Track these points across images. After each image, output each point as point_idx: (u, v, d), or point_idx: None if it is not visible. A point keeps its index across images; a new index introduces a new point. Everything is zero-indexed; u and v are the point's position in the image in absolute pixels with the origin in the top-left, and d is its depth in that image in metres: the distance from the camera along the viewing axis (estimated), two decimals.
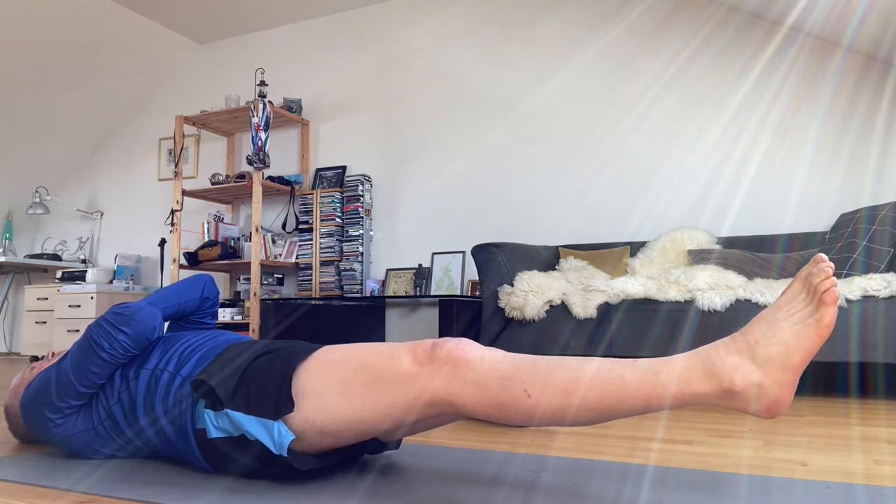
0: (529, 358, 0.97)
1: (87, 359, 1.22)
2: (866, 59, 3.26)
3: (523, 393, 0.93)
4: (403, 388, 1.00)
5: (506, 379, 0.95)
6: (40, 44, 4.45)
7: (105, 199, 5.40)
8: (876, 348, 2.26)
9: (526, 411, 0.94)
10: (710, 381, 0.88)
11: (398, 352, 1.03)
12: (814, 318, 0.87)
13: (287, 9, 4.62)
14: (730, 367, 0.87)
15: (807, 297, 0.89)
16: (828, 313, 0.86)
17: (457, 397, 0.97)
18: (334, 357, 1.09)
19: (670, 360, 0.91)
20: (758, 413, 0.88)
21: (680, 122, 3.61)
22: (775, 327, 0.88)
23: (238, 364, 1.13)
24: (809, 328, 0.87)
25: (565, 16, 3.97)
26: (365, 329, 4.07)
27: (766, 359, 0.87)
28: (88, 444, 1.26)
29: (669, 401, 0.89)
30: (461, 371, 0.97)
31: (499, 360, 0.97)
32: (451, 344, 1.00)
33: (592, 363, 0.94)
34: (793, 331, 0.87)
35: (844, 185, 3.25)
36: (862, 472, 1.20)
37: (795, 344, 0.87)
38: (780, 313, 0.89)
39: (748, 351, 0.88)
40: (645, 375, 0.90)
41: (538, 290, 2.81)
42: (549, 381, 0.93)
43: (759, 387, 0.86)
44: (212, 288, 1.52)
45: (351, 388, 1.03)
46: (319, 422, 1.04)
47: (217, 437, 1.11)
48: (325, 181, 4.46)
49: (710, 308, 2.50)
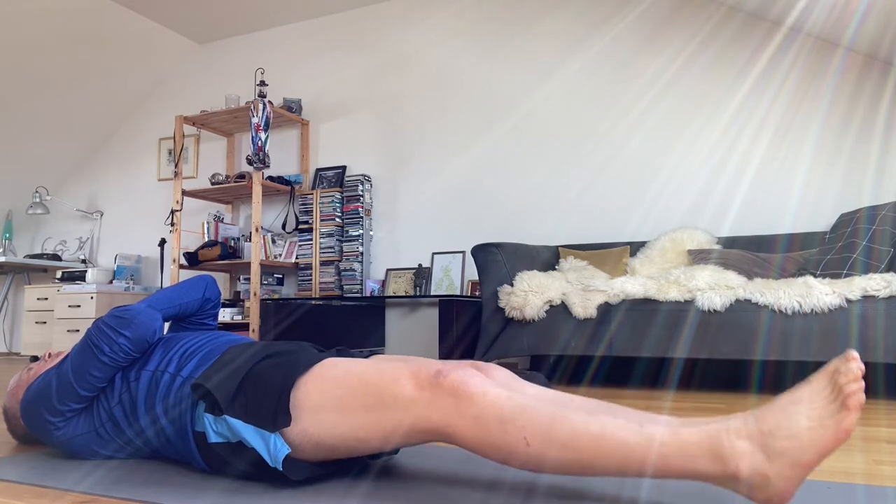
0: (532, 402, 0.94)
1: (87, 362, 1.21)
2: (866, 59, 3.26)
3: (522, 441, 0.91)
4: (402, 413, 0.99)
5: (506, 422, 0.92)
6: (40, 44, 4.45)
7: (105, 199, 5.40)
8: (876, 348, 2.26)
9: (522, 458, 0.93)
10: (715, 462, 0.85)
11: (401, 375, 1.01)
12: (834, 419, 0.82)
13: (287, 9, 4.62)
14: (738, 452, 0.84)
15: (831, 394, 0.84)
16: (849, 418, 0.81)
17: (454, 430, 0.96)
18: (336, 373, 1.07)
19: (677, 431, 0.88)
20: (757, 501, 0.86)
21: (680, 122, 3.61)
22: (792, 420, 0.84)
23: (238, 368, 1.12)
24: (827, 429, 0.82)
25: (565, 15, 3.97)
26: (365, 329, 4.07)
27: (778, 452, 0.83)
28: (89, 445, 1.26)
29: (667, 474, 0.87)
30: (462, 405, 0.95)
31: (501, 399, 0.94)
32: (456, 374, 0.97)
33: (598, 420, 0.91)
34: (810, 428, 0.83)
35: (844, 185, 3.25)
36: (862, 472, 1.20)
37: (810, 443, 0.82)
38: (799, 405, 0.85)
39: (760, 439, 0.84)
40: (650, 445, 0.87)
41: (538, 290, 2.81)
42: (550, 433, 0.91)
43: (764, 478, 0.83)
44: (213, 289, 1.51)
45: (350, 406, 1.02)
46: (316, 436, 1.04)
47: (216, 441, 1.11)
48: (325, 181, 4.46)
49: (710, 308, 2.50)
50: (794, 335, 2.37)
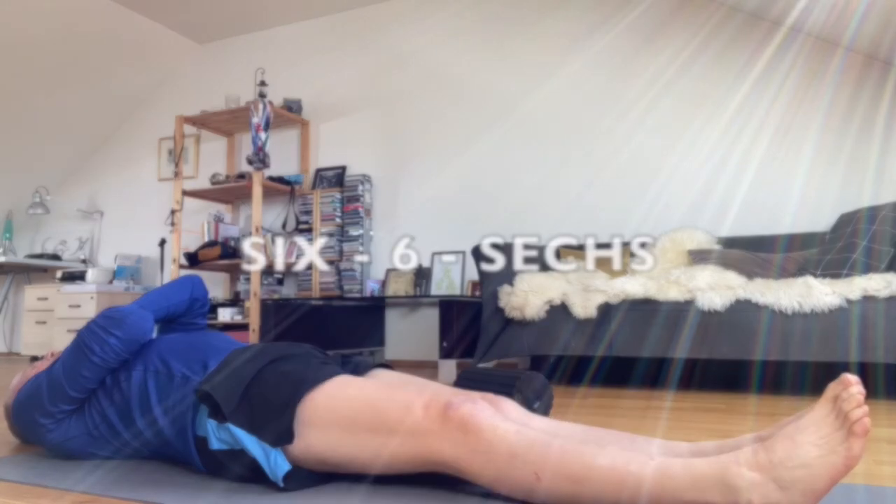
0: (542, 436, 0.94)
1: (78, 363, 1.21)
2: (866, 59, 3.26)
3: (532, 475, 0.92)
4: (409, 442, 0.99)
5: (516, 458, 0.93)
6: (40, 44, 4.45)
7: (105, 199, 5.40)
8: (876, 348, 2.26)
9: (528, 490, 0.93)
10: (726, 494, 0.84)
11: (411, 402, 1.01)
12: (843, 446, 0.83)
13: (287, 9, 4.62)
14: (749, 483, 0.84)
15: (835, 421, 0.84)
16: (858, 444, 0.82)
17: (462, 464, 0.96)
18: (347, 393, 1.07)
19: (688, 464, 0.88)
20: None
21: (680, 122, 3.61)
22: (801, 449, 0.84)
23: (243, 375, 1.11)
24: (838, 456, 0.83)
25: (565, 15, 3.97)
26: (365, 329, 4.06)
27: (790, 482, 0.83)
28: (85, 447, 1.26)
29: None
30: (471, 439, 0.95)
31: (511, 434, 0.94)
32: (465, 408, 0.97)
33: (608, 453, 0.91)
34: (819, 456, 0.83)
35: (844, 185, 3.25)
36: (862, 472, 1.20)
37: (821, 471, 0.83)
38: (806, 434, 0.85)
39: (770, 470, 0.84)
40: (661, 479, 0.87)
41: (538, 290, 2.80)
42: (561, 467, 0.91)
43: None
44: (200, 289, 1.49)
45: (358, 429, 1.02)
46: (320, 453, 1.04)
47: (218, 448, 1.11)
48: (325, 181, 4.46)
49: (710, 308, 2.50)
50: (794, 335, 2.37)
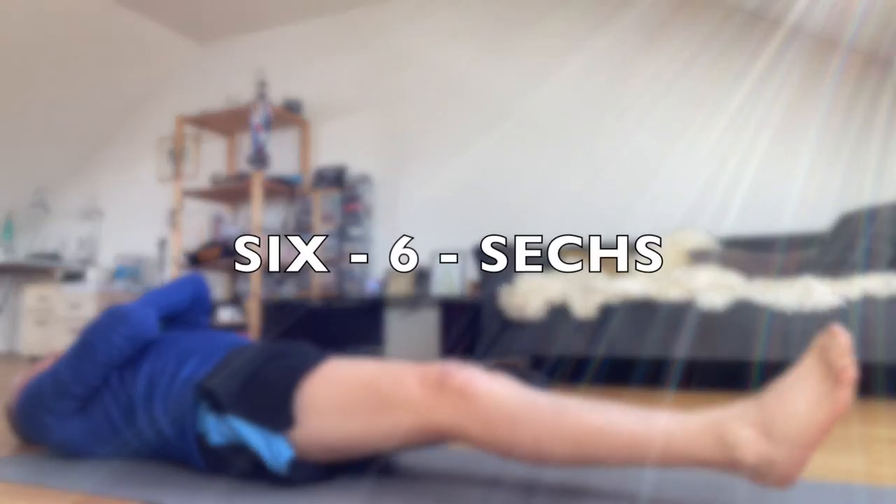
0: (538, 398, 0.96)
1: (82, 361, 1.21)
2: (866, 59, 3.26)
3: (531, 438, 0.93)
4: (409, 414, 0.99)
5: (516, 421, 0.94)
6: (40, 44, 4.45)
7: (105, 199, 5.40)
8: (876, 348, 2.26)
9: (530, 454, 0.94)
10: (721, 449, 0.87)
11: (407, 375, 1.01)
12: (830, 396, 0.85)
13: (287, 8, 4.62)
14: (742, 439, 0.87)
15: (822, 372, 0.87)
16: (844, 392, 0.84)
17: (463, 430, 0.96)
18: (341, 374, 1.07)
19: (682, 421, 0.91)
20: (764, 484, 0.88)
21: (680, 122, 3.61)
22: (790, 402, 0.87)
23: (243, 369, 1.11)
24: (825, 407, 0.85)
25: (565, 15, 3.97)
26: (365, 330, 4.06)
27: (781, 435, 0.86)
28: (87, 445, 1.26)
29: (675, 463, 0.90)
30: (470, 405, 0.96)
31: (508, 398, 0.96)
32: (462, 375, 0.98)
33: (603, 412, 0.93)
34: (808, 408, 0.86)
35: (845, 185, 3.24)
36: (862, 472, 1.20)
37: (811, 422, 0.85)
38: (795, 388, 0.88)
39: (762, 424, 0.87)
40: (655, 435, 0.89)
41: (538, 290, 2.80)
42: (558, 430, 0.92)
43: (770, 462, 0.86)
44: (202, 287, 1.50)
45: (356, 408, 1.02)
46: (321, 438, 1.04)
47: (218, 442, 1.11)
48: (325, 181, 4.46)
49: (710, 308, 2.50)
50: (794, 335, 2.37)
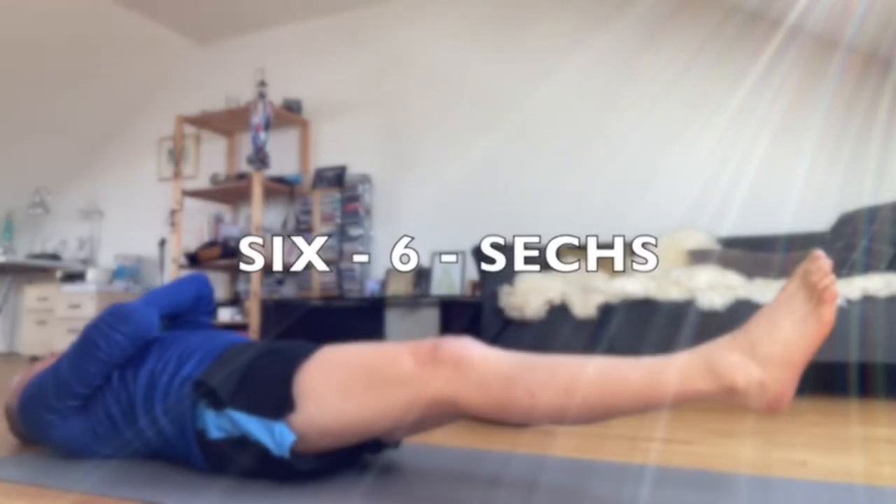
0: (531, 357, 0.98)
1: (84, 359, 1.21)
2: (866, 59, 3.26)
3: (526, 393, 0.94)
4: (405, 389, 1.00)
5: (508, 379, 0.95)
6: (40, 44, 4.45)
7: (105, 199, 5.40)
8: (876, 348, 2.26)
9: (528, 410, 0.95)
10: (711, 379, 0.89)
11: (399, 352, 1.03)
12: (814, 315, 0.88)
13: (287, 9, 4.62)
14: (731, 365, 0.88)
15: (805, 294, 0.90)
16: (827, 311, 0.87)
17: (459, 397, 0.97)
18: (336, 357, 1.09)
19: (671, 358, 0.92)
20: (759, 410, 0.90)
21: (680, 122, 3.61)
22: (775, 325, 0.89)
23: (240, 364, 1.12)
24: (810, 326, 0.88)
25: (565, 15, 3.97)
26: (365, 329, 4.06)
27: (768, 357, 0.88)
28: (87, 445, 1.26)
29: (671, 399, 0.90)
30: (463, 371, 0.97)
31: (501, 360, 0.97)
32: (453, 344, 1.00)
33: (593, 362, 0.94)
34: (793, 329, 0.88)
35: (845, 185, 3.24)
36: (862, 472, 1.20)
37: (796, 342, 0.88)
38: (779, 311, 0.90)
39: (749, 349, 0.89)
40: (647, 374, 0.91)
41: (538, 290, 2.80)
42: (551, 381, 0.94)
43: (760, 385, 0.87)
44: (205, 287, 1.51)
45: (352, 388, 1.03)
46: (321, 422, 1.05)
47: (218, 437, 1.11)
48: (325, 181, 4.45)
49: (710, 308, 2.50)
50: None
